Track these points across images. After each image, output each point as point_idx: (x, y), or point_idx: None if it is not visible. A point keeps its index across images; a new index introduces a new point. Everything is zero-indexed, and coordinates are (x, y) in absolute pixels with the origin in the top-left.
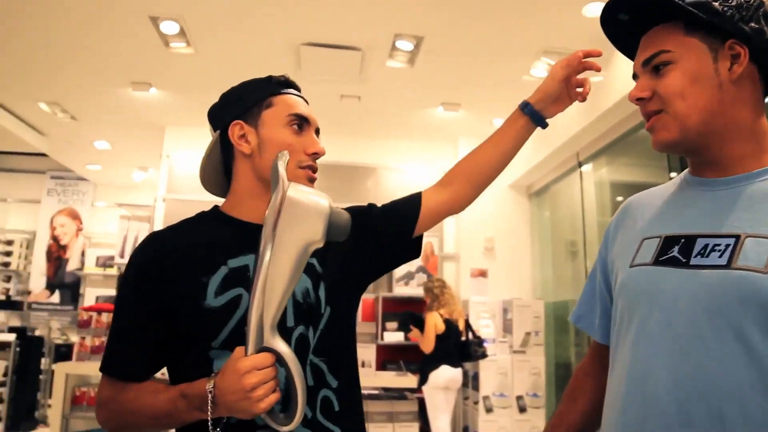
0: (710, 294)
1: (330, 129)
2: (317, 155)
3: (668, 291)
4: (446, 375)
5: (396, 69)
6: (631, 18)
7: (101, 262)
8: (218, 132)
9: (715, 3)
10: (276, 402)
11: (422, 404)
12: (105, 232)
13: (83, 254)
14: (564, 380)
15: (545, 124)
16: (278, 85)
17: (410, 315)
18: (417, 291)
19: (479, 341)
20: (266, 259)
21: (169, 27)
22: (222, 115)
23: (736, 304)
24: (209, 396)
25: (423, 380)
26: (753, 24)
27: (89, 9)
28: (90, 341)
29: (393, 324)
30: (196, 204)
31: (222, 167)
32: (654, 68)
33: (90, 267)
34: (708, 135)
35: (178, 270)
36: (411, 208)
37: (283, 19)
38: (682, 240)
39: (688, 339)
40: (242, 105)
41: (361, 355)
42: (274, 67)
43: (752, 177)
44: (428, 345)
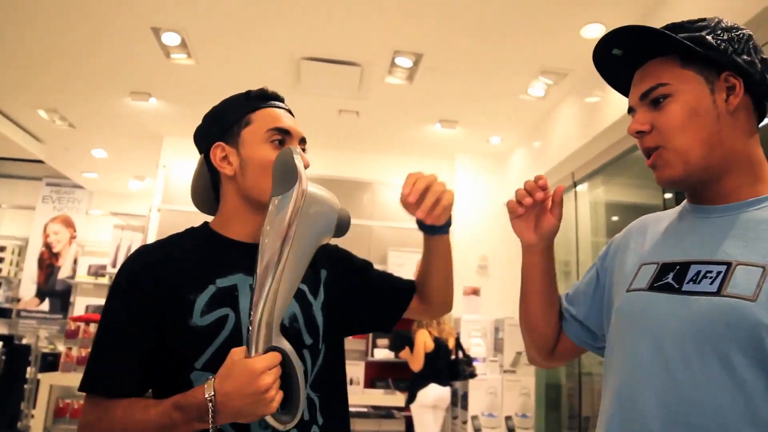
0: (699, 320)
1: (328, 143)
2: None
3: (659, 316)
4: (435, 394)
5: (395, 85)
6: (624, 53)
7: (93, 271)
8: (203, 154)
9: (709, 37)
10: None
11: (410, 423)
12: (98, 241)
13: (75, 262)
14: (554, 401)
15: (433, 230)
16: (257, 100)
17: (398, 334)
18: None
19: (468, 360)
20: (285, 254)
21: (171, 38)
22: (204, 138)
23: (723, 331)
24: (210, 404)
25: (411, 398)
26: (745, 56)
27: (92, 18)
28: (77, 352)
29: (384, 341)
30: (192, 215)
31: (211, 187)
32: (652, 102)
33: (82, 275)
34: (709, 168)
35: (167, 286)
36: (401, 300)
37: (284, 33)
38: (678, 267)
39: (676, 364)
40: (222, 126)
41: (350, 372)
42: (274, 80)
43: (747, 206)
44: (417, 363)
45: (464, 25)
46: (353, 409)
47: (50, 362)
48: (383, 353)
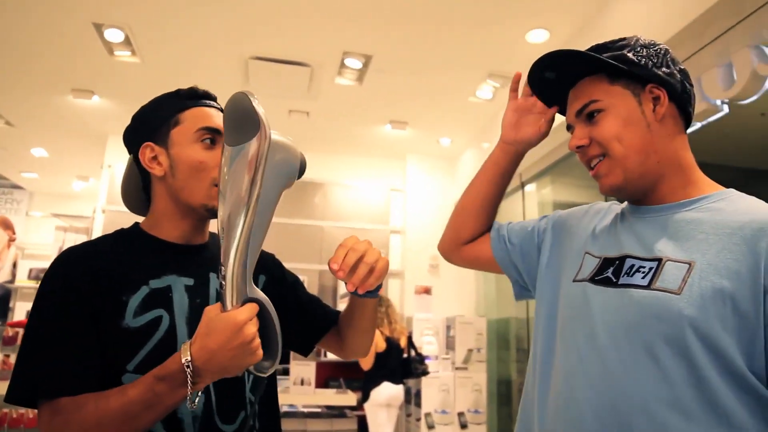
0: (629, 311)
1: None
2: None
3: (597, 307)
4: (388, 392)
5: (345, 86)
6: (557, 75)
7: (34, 275)
8: (132, 155)
9: (630, 54)
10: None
11: (362, 422)
12: (39, 243)
13: (15, 266)
14: (505, 397)
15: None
16: (186, 99)
17: None
18: None
19: (421, 359)
20: (252, 204)
21: (114, 35)
22: (133, 138)
23: (651, 322)
24: (188, 368)
25: (365, 397)
26: (664, 69)
27: (32, 13)
28: (14, 359)
29: None
30: (137, 216)
31: (142, 188)
32: (587, 116)
33: (22, 280)
34: (646, 174)
35: (99, 286)
36: (325, 326)
37: (233, 32)
38: (617, 262)
39: (609, 353)
40: (151, 125)
41: (301, 373)
42: (222, 80)
43: (679, 207)
44: (367, 363)
45: (413, 28)
46: (306, 410)
47: None
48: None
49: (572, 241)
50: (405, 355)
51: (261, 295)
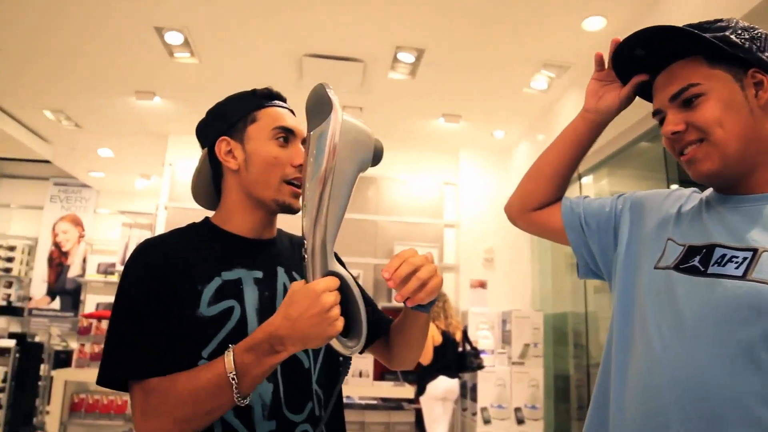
0: (722, 302)
1: None
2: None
3: (683, 296)
4: (443, 386)
5: (397, 80)
6: (647, 53)
7: (102, 269)
8: (206, 149)
9: (733, 36)
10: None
11: (419, 415)
12: (107, 239)
13: (84, 261)
14: (563, 393)
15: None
16: (262, 99)
17: None
18: None
19: (476, 352)
20: (330, 179)
21: (174, 37)
22: (209, 132)
23: (746, 313)
24: (275, 335)
25: (420, 391)
26: (767, 54)
27: (95, 19)
28: (89, 348)
29: None
30: (198, 212)
31: (212, 182)
32: (684, 102)
33: (91, 274)
34: (744, 161)
35: (177, 275)
36: (377, 330)
37: (286, 31)
38: (704, 250)
39: (694, 342)
40: (227, 121)
41: (360, 365)
42: (277, 78)
43: None
44: (426, 356)
45: (466, 20)
46: (363, 402)
47: (62, 359)
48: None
49: (652, 226)
50: (460, 349)
51: (343, 271)
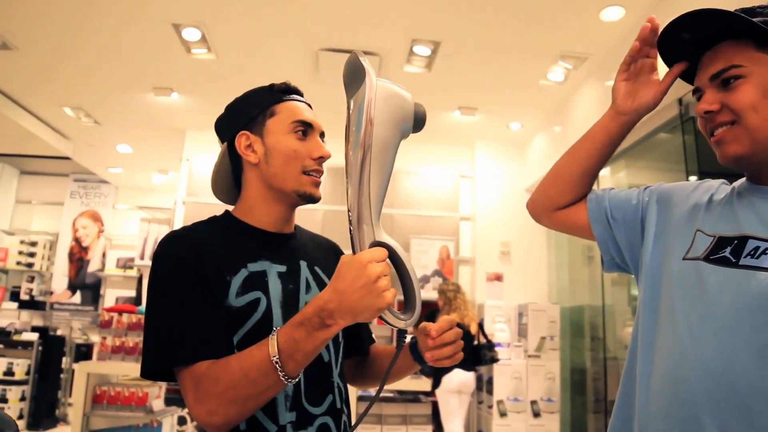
0: (756, 294)
1: None
2: (323, 159)
3: (714, 287)
4: (459, 378)
5: (413, 74)
6: (692, 36)
7: (122, 264)
8: (226, 143)
9: None
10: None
11: (436, 407)
12: (125, 234)
13: (104, 256)
14: (579, 386)
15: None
16: (280, 93)
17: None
18: (432, 294)
19: (490, 345)
20: (369, 148)
21: (191, 33)
22: (228, 127)
23: None
24: (325, 308)
25: (436, 384)
26: None
27: (113, 16)
28: (111, 341)
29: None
30: (215, 207)
31: (232, 176)
32: (723, 82)
33: (111, 268)
34: None
35: (207, 266)
36: (353, 345)
37: (302, 25)
38: (735, 241)
39: (727, 333)
40: (247, 115)
41: None
42: (293, 72)
43: None
44: None
45: (481, 12)
46: (380, 394)
47: (84, 352)
48: (408, 339)
49: (680, 218)
50: (475, 342)
51: (392, 242)
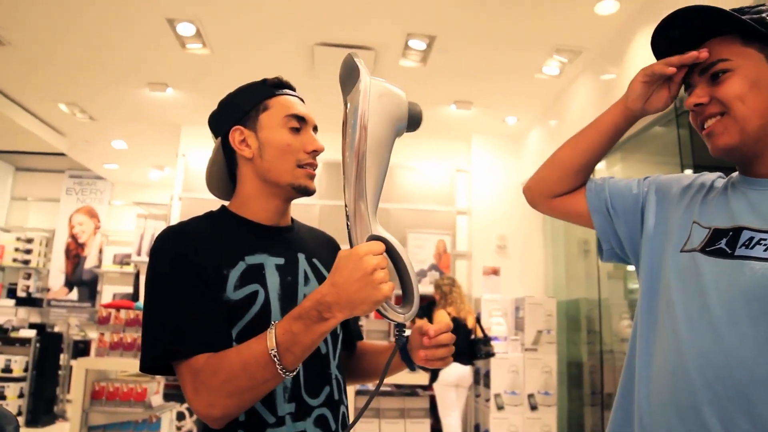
0: (751, 283)
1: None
2: (316, 152)
3: (709, 278)
4: (457, 372)
5: (409, 68)
6: (680, 34)
7: (118, 260)
8: (220, 138)
9: None
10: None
11: (433, 401)
12: (122, 231)
13: (101, 252)
14: (576, 379)
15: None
16: (273, 87)
17: (421, 310)
18: (429, 288)
19: (486, 340)
20: (364, 143)
21: (186, 29)
22: (221, 122)
23: None
24: (323, 302)
25: (434, 377)
26: None
27: (107, 11)
28: (109, 337)
29: None
30: (212, 202)
31: (226, 171)
32: (712, 76)
33: (107, 265)
34: (762, 140)
35: (204, 260)
36: (350, 339)
37: (297, 20)
38: (730, 233)
39: (723, 323)
40: (240, 110)
41: None
42: (288, 67)
43: None
44: None
45: (477, 5)
46: (379, 389)
47: (81, 349)
48: (406, 333)
49: (678, 210)
50: (473, 337)
51: (388, 236)
